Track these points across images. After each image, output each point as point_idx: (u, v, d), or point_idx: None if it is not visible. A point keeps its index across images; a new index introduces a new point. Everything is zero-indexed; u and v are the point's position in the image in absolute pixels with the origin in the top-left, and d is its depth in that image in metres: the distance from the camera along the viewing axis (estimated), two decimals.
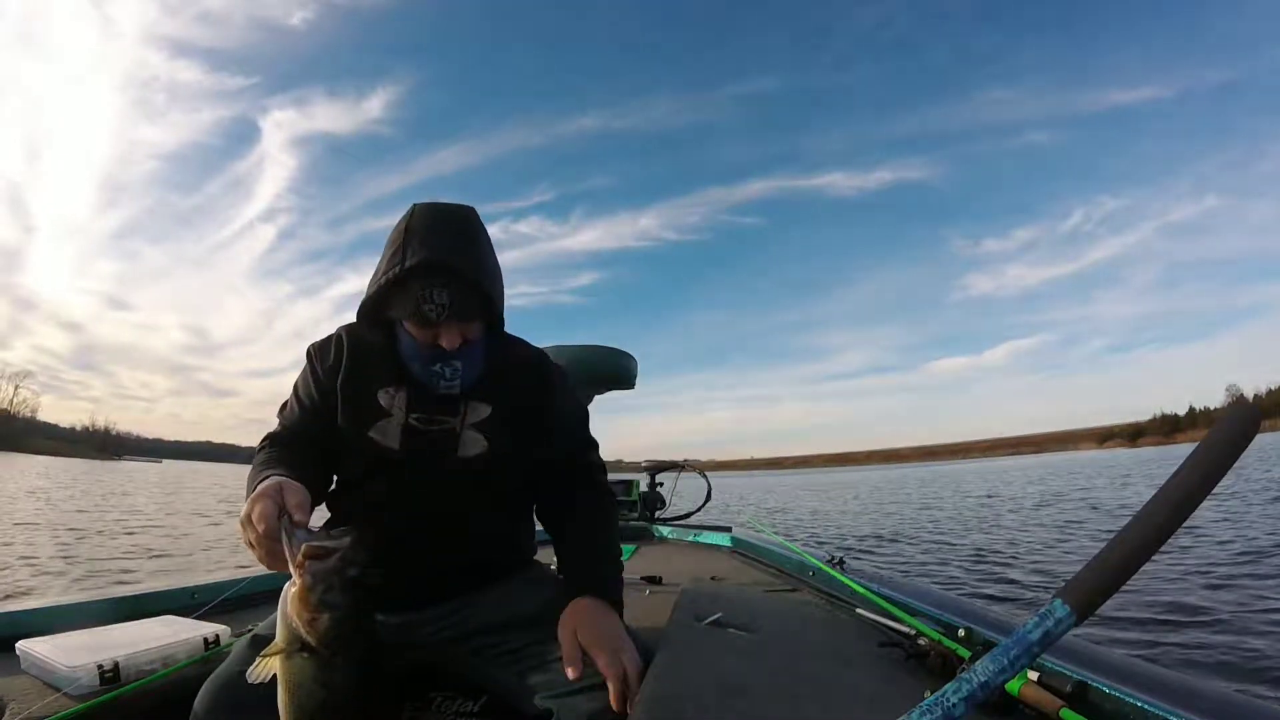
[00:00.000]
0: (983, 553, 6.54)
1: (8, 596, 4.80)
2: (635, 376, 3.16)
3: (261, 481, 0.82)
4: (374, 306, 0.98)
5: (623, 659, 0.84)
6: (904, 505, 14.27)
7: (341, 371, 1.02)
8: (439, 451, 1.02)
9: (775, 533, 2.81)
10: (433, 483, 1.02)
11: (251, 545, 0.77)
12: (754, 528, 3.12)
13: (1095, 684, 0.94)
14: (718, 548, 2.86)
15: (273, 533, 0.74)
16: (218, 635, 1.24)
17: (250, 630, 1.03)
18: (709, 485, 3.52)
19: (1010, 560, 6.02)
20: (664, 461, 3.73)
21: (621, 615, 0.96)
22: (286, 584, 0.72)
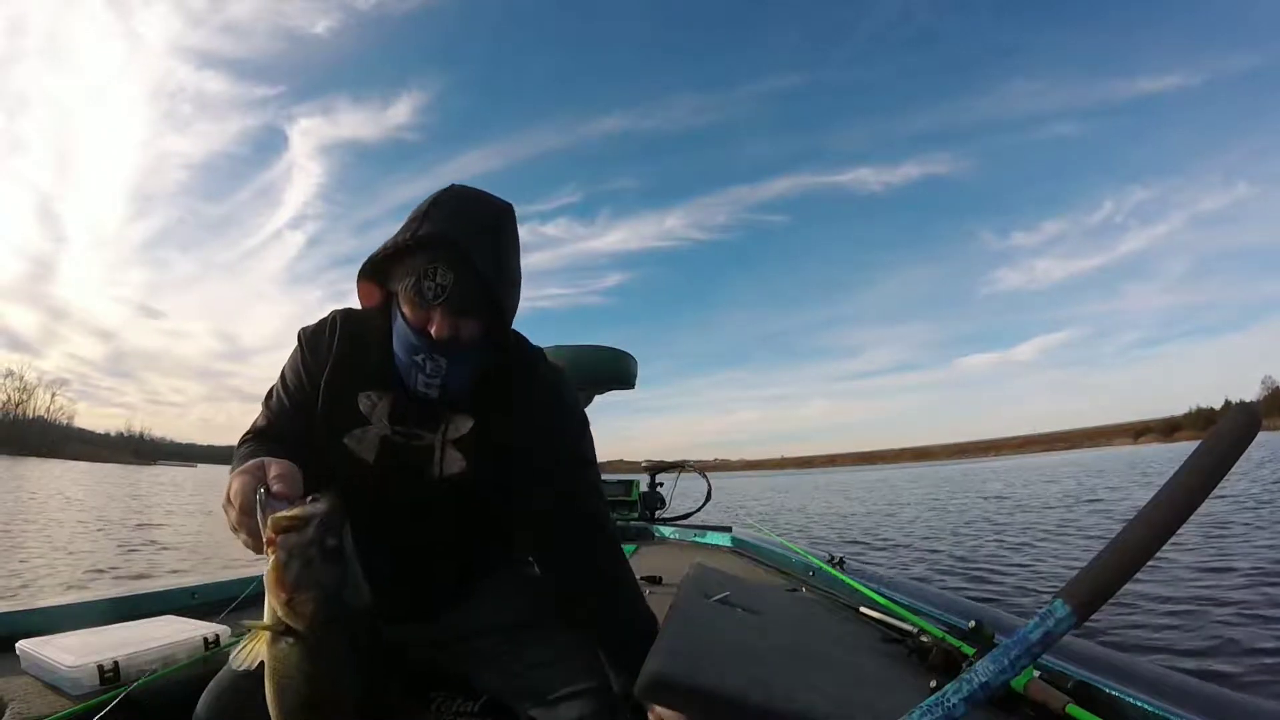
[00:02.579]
0: (987, 553, 6.53)
1: (14, 594, 4.81)
2: (635, 376, 3.16)
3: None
4: (375, 268, 0.87)
5: None
6: (917, 505, 14.20)
7: (329, 364, 0.92)
8: (415, 470, 0.91)
9: (775, 533, 2.81)
10: (407, 504, 0.93)
11: (235, 529, 0.69)
12: (754, 528, 3.12)
13: (1096, 683, 0.94)
14: (718, 548, 2.86)
15: (249, 507, 0.65)
16: (218, 635, 1.24)
17: (253, 629, 1.03)
18: (709, 485, 3.52)
19: (1014, 560, 6.02)
20: (664, 461, 3.74)
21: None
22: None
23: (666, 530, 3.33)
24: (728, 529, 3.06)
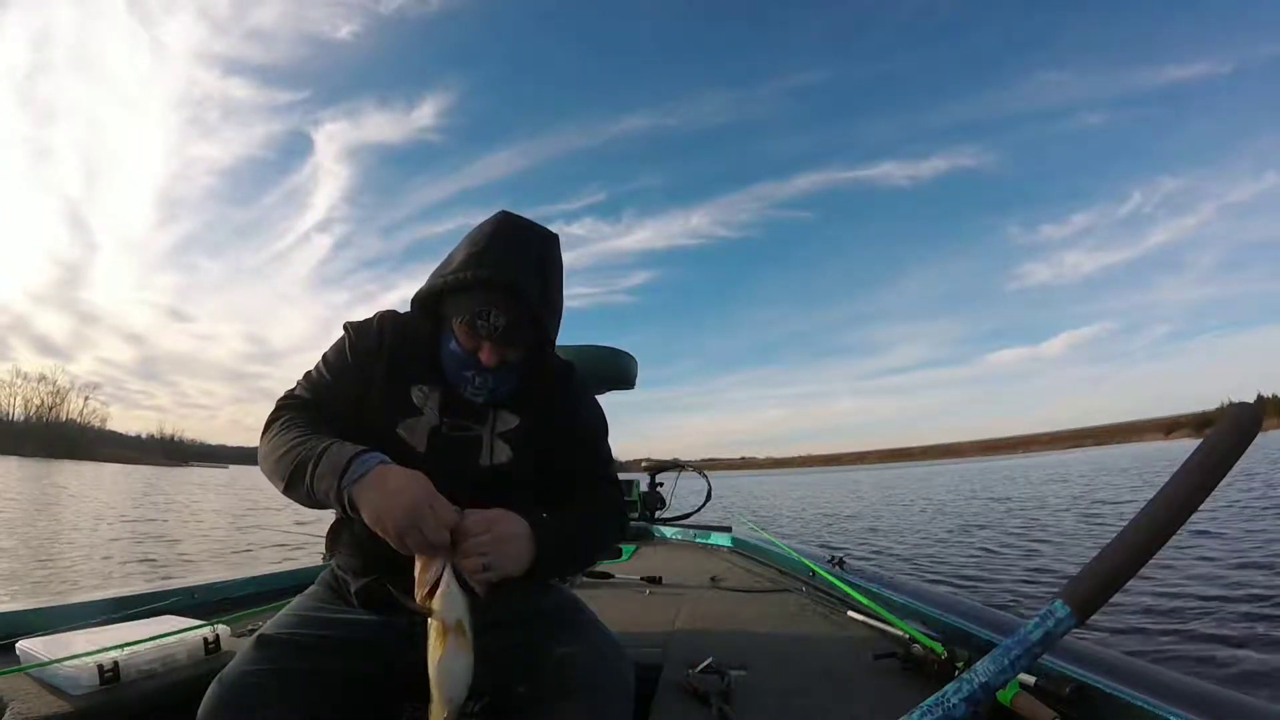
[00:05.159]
0: (991, 552, 6.54)
1: (14, 594, 4.82)
2: (635, 377, 3.16)
3: (365, 460, 0.82)
4: (431, 300, 0.98)
5: (490, 550, 0.83)
6: (930, 503, 14.16)
7: (379, 357, 1.00)
8: (463, 458, 0.99)
9: (778, 532, 2.81)
10: (453, 490, 0.94)
11: (405, 540, 0.79)
12: (754, 528, 3.12)
13: (1095, 684, 0.94)
14: (718, 548, 2.86)
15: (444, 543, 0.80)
16: (218, 635, 1.24)
17: (253, 630, 1.03)
18: (709, 485, 3.52)
19: (1018, 560, 6.02)
20: (664, 461, 3.73)
21: (538, 569, 0.89)
22: (446, 571, 0.79)
23: (667, 530, 3.33)
24: (728, 529, 3.05)
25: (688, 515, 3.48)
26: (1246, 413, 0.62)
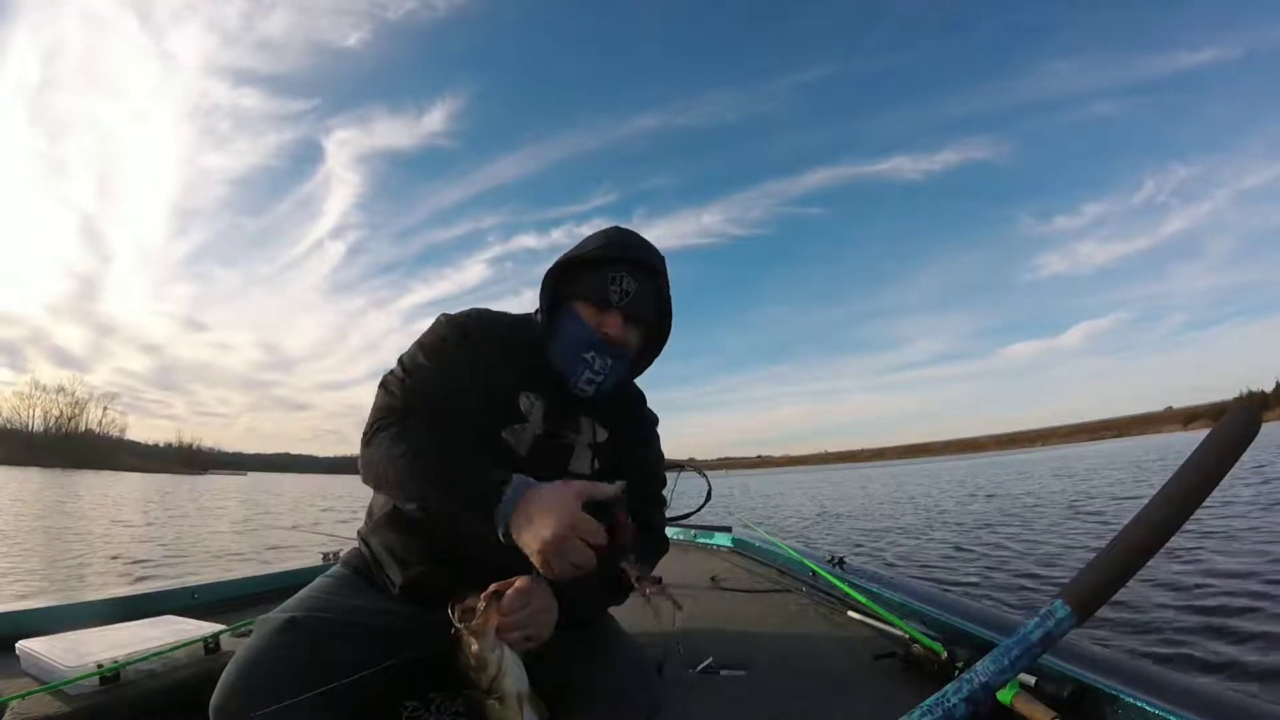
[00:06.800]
0: (992, 550, 6.54)
1: (15, 594, 4.83)
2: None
3: (509, 497, 0.80)
4: (560, 272, 1.00)
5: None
6: (932, 500, 14.13)
7: (483, 357, 0.98)
8: (556, 463, 1.01)
9: (777, 532, 2.81)
10: None
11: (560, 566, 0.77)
12: (754, 528, 3.12)
13: (1095, 684, 0.94)
14: (718, 548, 2.86)
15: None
16: (218, 635, 1.24)
17: (259, 615, 1.02)
18: (709, 485, 3.51)
19: (1019, 558, 6.02)
20: (666, 461, 3.72)
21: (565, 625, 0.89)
22: (505, 649, 0.80)
23: (667, 531, 3.33)
24: (728, 529, 3.05)
25: (688, 515, 3.48)
26: (1247, 411, 0.62)
